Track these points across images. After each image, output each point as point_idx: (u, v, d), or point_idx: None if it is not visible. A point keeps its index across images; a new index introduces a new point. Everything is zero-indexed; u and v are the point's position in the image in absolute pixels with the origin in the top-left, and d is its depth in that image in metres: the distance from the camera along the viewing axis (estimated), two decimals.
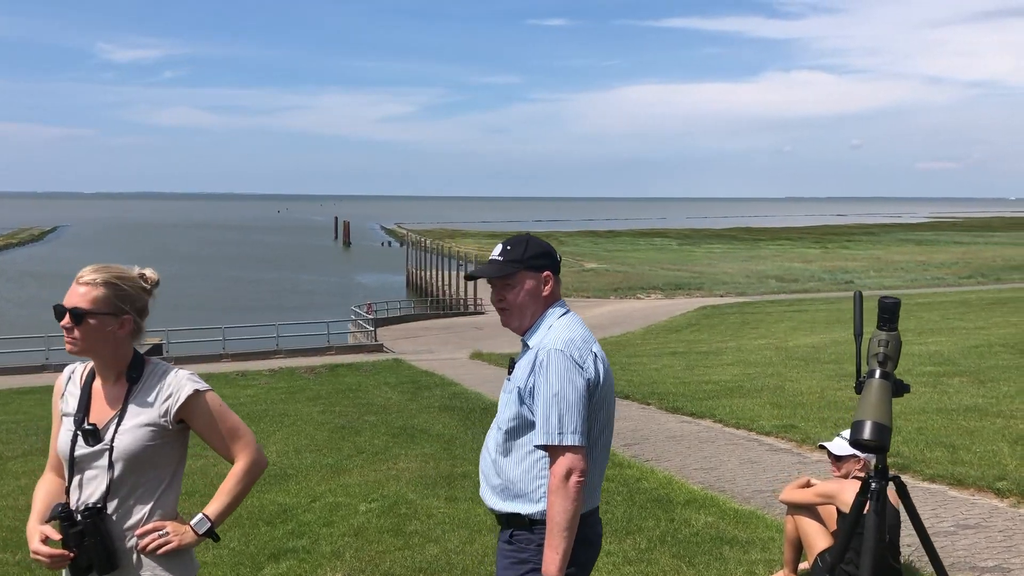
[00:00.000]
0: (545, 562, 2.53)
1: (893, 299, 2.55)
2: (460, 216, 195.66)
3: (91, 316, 2.52)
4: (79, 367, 2.67)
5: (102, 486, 2.51)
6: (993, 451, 7.68)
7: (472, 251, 61.27)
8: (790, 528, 4.74)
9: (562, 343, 2.62)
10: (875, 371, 2.52)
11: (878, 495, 2.49)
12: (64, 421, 2.59)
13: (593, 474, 2.70)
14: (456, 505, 6.84)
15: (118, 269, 2.62)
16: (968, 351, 16.59)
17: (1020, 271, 58.18)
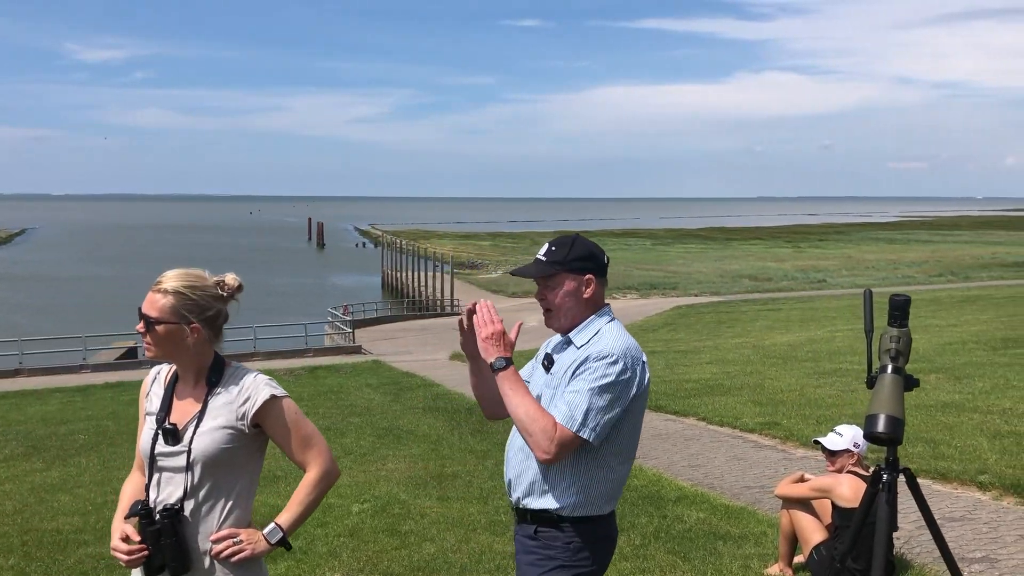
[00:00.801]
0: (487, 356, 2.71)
1: (904, 296, 2.63)
2: (434, 217, 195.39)
3: (159, 324, 2.56)
4: (165, 367, 2.70)
5: (180, 487, 2.54)
6: (973, 446, 7.84)
7: (448, 252, 61.26)
8: (785, 522, 4.83)
9: (619, 350, 2.65)
10: (887, 366, 2.60)
11: (889, 486, 2.57)
12: (147, 420, 2.63)
13: (622, 475, 2.75)
14: (449, 505, 6.89)
15: (192, 276, 2.65)
16: (943, 348, 16.86)
17: (988, 269, 59.10)
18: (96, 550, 6.06)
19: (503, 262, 70.05)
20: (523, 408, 2.64)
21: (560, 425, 2.59)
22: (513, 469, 2.80)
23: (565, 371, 2.71)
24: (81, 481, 8.65)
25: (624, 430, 2.70)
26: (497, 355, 2.71)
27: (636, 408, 2.71)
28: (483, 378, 2.94)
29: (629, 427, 2.71)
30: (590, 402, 2.59)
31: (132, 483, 2.70)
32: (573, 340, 2.77)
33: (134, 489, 2.66)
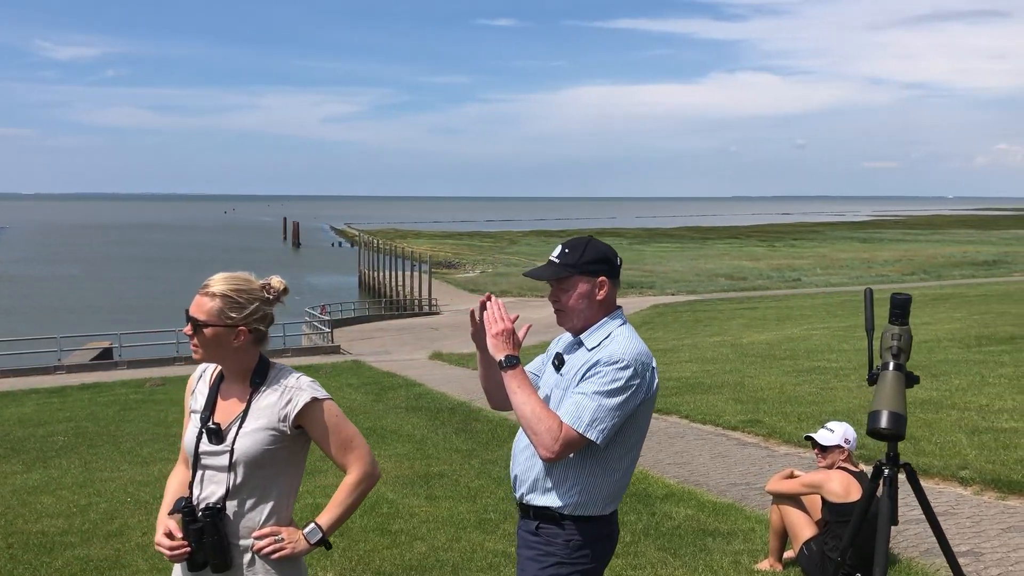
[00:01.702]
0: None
1: (905, 295, 2.69)
2: (410, 216, 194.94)
3: (206, 327, 2.59)
4: (211, 366, 2.73)
5: (222, 486, 2.58)
6: (952, 442, 7.96)
7: (425, 251, 61.18)
8: (775, 518, 4.90)
9: (630, 355, 2.68)
10: (889, 363, 2.66)
11: (891, 481, 2.63)
12: (192, 418, 2.69)
13: (625, 477, 2.79)
14: (437, 504, 6.91)
15: (239, 279, 2.66)
16: (918, 346, 17.03)
17: (960, 268, 59.86)
18: (84, 552, 6.03)
19: (480, 261, 70.10)
20: (528, 407, 2.67)
21: (566, 425, 2.63)
22: (519, 466, 2.83)
23: (575, 372, 2.74)
24: (63, 483, 8.57)
25: (629, 433, 2.73)
26: (505, 353, 2.75)
27: (643, 413, 2.74)
28: (492, 371, 2.97)
29: (635, 431, 2.75)
30: (598, 405, 2.62)
31: (177, 478, 2.75)
32: (584, 342, 2.80)
33: (179, 484, 2.71)
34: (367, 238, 70.24)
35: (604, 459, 2.72)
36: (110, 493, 7.93)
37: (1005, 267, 59.82)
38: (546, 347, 3.08)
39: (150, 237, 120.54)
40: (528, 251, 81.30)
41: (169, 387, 17.81)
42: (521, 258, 72.86)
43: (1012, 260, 64.87)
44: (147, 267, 72.62)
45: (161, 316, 40.51)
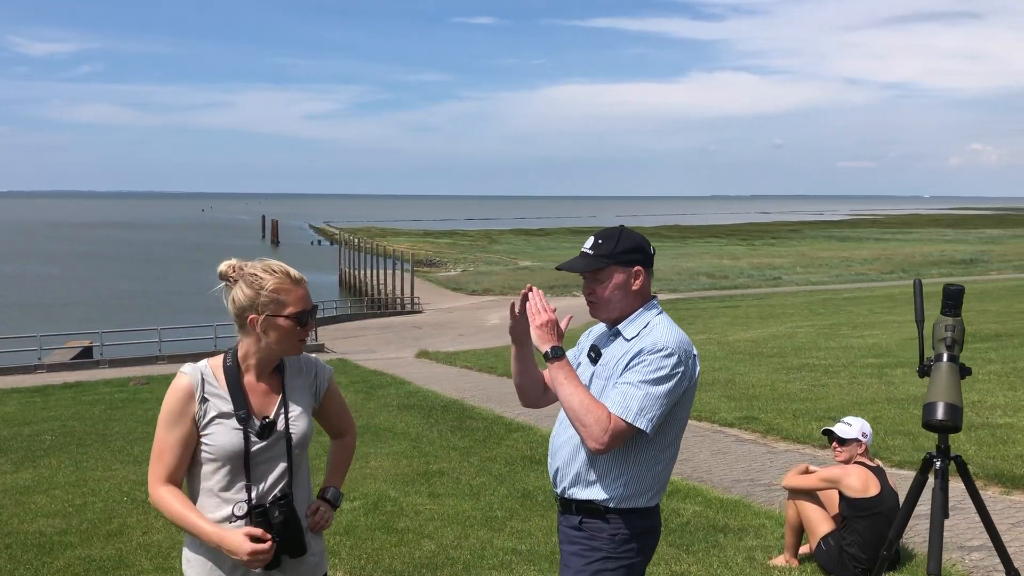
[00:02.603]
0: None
1: (958, 286, 2.67)
2: (390, 215, 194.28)
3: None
4: (205, 369, 2.60)
5: (285, 475, 2.58)
6: (950, 438, 7.99)
7: (406, 250, 60.97)
8: (791, 514, 4.89)
9: (674, 343, 2.65)
10: (943, 355, 2.64)
11: (942, 473, 2.61)
12: (218, 423, 2.55)
13: (668, 468, 2.76)
14: (441, 501, 6.85)
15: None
16: (904, 343, 17.19)
17: (939, 267, 60.41)
18: (85, 552, 5.93)
19: (462, 260, 69.96)
20: (577, 397, 2.63)
21: (614, 415, 2.59)
22: (560, 460, 2.80)
23: (616, 363, 2.71)
24: (55, 482, 8.44)
25: (672, 423, 2.71)
26: (551, 344, 2.71)
27: (685, 401, 2.72)
28: (526, 366, 2.93)
29: (677, 420, 2.72)
30: (645, 393, 2.59)
31: (177, 496, 2.54)
32: (622, 332, 2.76)
33: (186, 501, 2.55)
34: (347, 236, 69.93)
35: (648, 450, 2.69)
36: (105, 492, 7.81)
37: (982, 266, 60.46)
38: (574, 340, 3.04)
39: (126, 235, 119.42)
40: (508, 249, 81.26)
41: (153, 386, 17.62)
42: (502, 256, 72.82)
43: (988, 259, 65.58)
44: (123, 266, 71.87)
45: (139, 315, 40.17)
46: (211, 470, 2.54)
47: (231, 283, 2.60)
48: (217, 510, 2.52)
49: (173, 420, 2.52)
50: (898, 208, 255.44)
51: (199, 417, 2.54)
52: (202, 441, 2.54)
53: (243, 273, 2.58)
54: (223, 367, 2.59)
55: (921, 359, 2.71)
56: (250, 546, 2.46)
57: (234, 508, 2.51)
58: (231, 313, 2.60)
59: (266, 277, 2.56)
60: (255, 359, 2.60)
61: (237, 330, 2.61)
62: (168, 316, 37.68)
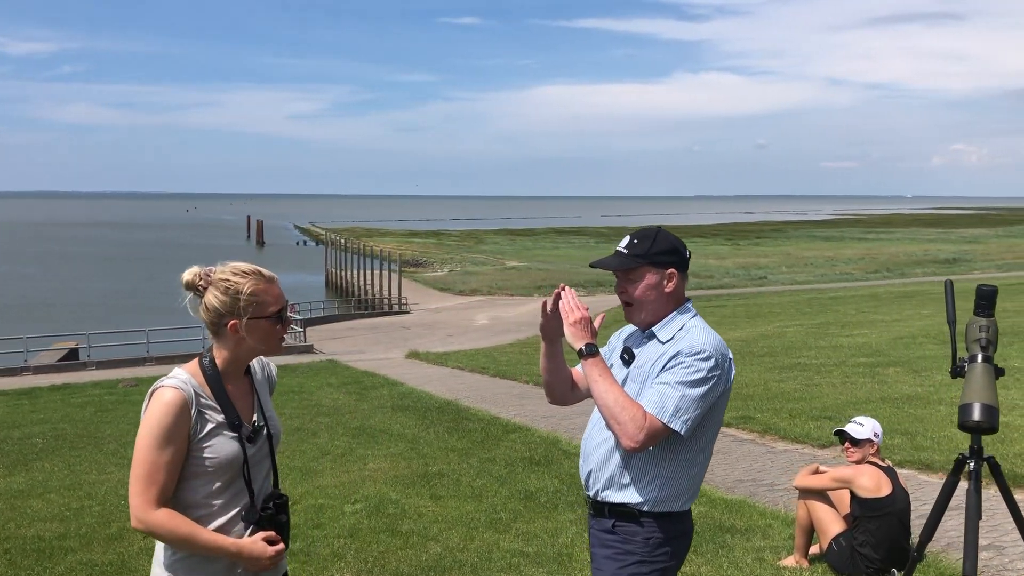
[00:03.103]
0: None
1: (992, 287, 2.67)
2: (376, 215, 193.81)
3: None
4: (191, 381, 2.50)
5: (269, 473, 2.61)
6: (947, 437, 8.03)
7: (393, 250, 60.85)
8: (802, 514, 4.89)
9: (711, 346, 2.64)
10: (977, 355, 2.64)
11: (976, 474, 2.61)
12: (216, 436, 2.48)
13: (701, 471, 2.75)
14: (443, 503, 6.82)
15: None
16: (894, 342, 17.28)
17: (922, 266, 60.84)
18: (86, 556, 5.87)
19: (448, 260, 69.87)
20: (612, 395, 2.62)
21: (650, 415, 2.58)
22: (593, 462, 2.77)
23: (652, 365, 2.69)
24: (50, 486, 8.35)
25: (707, 427, 2.69)
26: (585, 341, 2.70)
27: (720, 404, 2.70)
28: (556, 364, 2.92)
29: (712, 423, 2.71)
30: (682, 395, 2.58)
31: (178, 517, 2.43)
32: (657, 335, 2.75)
33: (186, 519, 2.44)
34: (333, 237, 69.69)
35: (683, 453, 2.67)
36: (102, 496, 7.74)
37: (965, 265, 60.91)
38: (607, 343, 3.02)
39: (110, 236, 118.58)
40: (494, 249, 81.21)
41: (143, 387, 17.49)
42: (489, 256, 72.79)
43: (971, 258, 66.08)
44: (107, 266, 71.36)
45: (125, 316, 39.87)
46: (206, 482, 2.46)
47: (200, 291, 2.54)
48: (213, 520, 2.46)
49: (167, 438, 2.40)
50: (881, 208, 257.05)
51: (194, 432, 2.44)
52: (199, 455, 2.45)
53: (212, 280, 2.53)
54: (204, 376, 2.51)
55: (954, 360, 2.70)
56: (272, 549, 2.48)
57: (242, 514, 2.48)
58: (205, 321, 2.53)
59: (241, 280, 2.51)
60: (235, 364, 2.55)
61: (211, 336, 2.55)
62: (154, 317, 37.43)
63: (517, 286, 51.15)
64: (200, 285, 2.54)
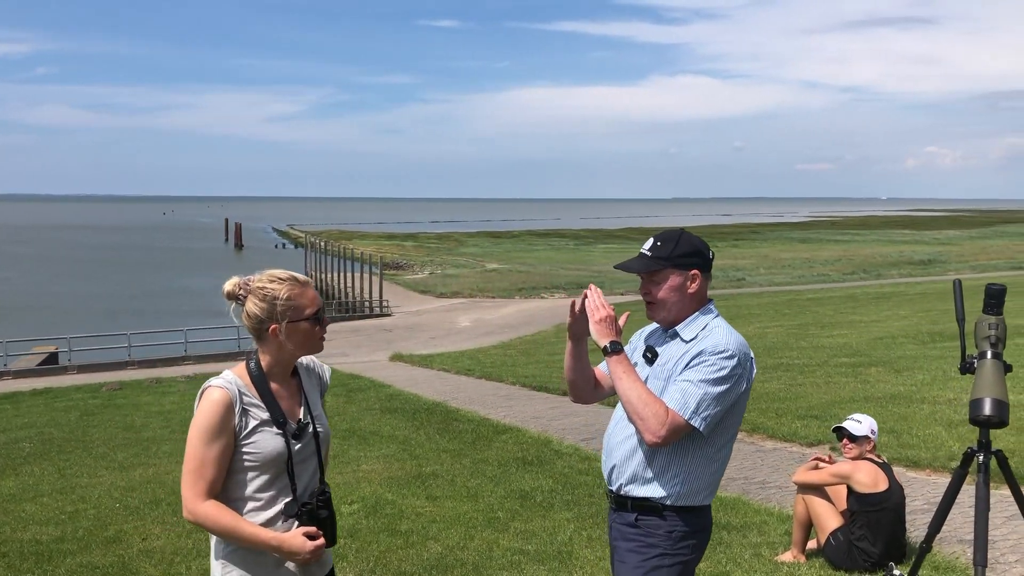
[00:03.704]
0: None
1: (1000, 285, 2.77)
2: (354, 217, 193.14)
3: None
4: (237, 381, 2.64)
5: (316, 471, 2.70)
6: (933, 435, 8.19)
7: (373, 252, 60.72)
8: (800, 509, 4.99)
9: (734, 346, 2.72)
10: (987, 352, 2.74)
11: (985, 467, 2.71)
12: (260, 432, 2.61)
13: (722, 467, 2.83)
14: (440, 504, 6.88)
15: None
16: (874, 343, 17.52)
17: (898, 267, 61.48)
18: (85, 559, 5.88)
19: (429, 262, 69.80)
20: (635, 391, 2.70)
21: (672, 411, 2.65)
22: (616, 458, 2.85)
23: (676, 363, 2.77)
24: (41, 490, 8.34)
25: (729, 424, 2.78)
26: (610, 339, 2.77)
27: (741, 402, 2.78)
28: (581, 364, 2.99)
29: (733, 420, 2.79)
30: (704, 392, 2.66)
31: (224, 509, 2.57)
32: (680, 334, 2.82)
33: (232, 512, 2.58)
34: (313, 239, 69.43)
35: (705, 449, 2.75)
36: (96, 499, 7.73)
37: (940, 266, 61.63)
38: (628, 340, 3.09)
39: (86, 239, 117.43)
40: (475, 252, 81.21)
41: (127, 391, 17.43)
42: (469, 258, 72.79)
43: (946, 259, 66.85)
44: (84, 269, 70.72)
45: (103, 319, 39.56)
46: (252, 477, 2.60)
47: (240, 300, 2.68)
48: (257, 515, 2.58)
49: (214, 434, 2.55)
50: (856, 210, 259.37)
51: (240, 428, 2.59)
52: (245, 450, 2.59)
53: (251, 288, 2.67)
54: (250, 377, 2.66)
55: (963, 356, 2.80)
56: (312, 544, 2.56)
57: (284, 508, 2.59)
58: (248, 327, 2.68)
59: (276, 287, 2.65)
60: (279, 366, 2.69)
61: (256, 342, 2.69)
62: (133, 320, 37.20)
63: (498, 288, 51.20)
64: (240, 294, 2.68)
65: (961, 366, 2.77)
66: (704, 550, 2.87)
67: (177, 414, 13.35)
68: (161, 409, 14.22)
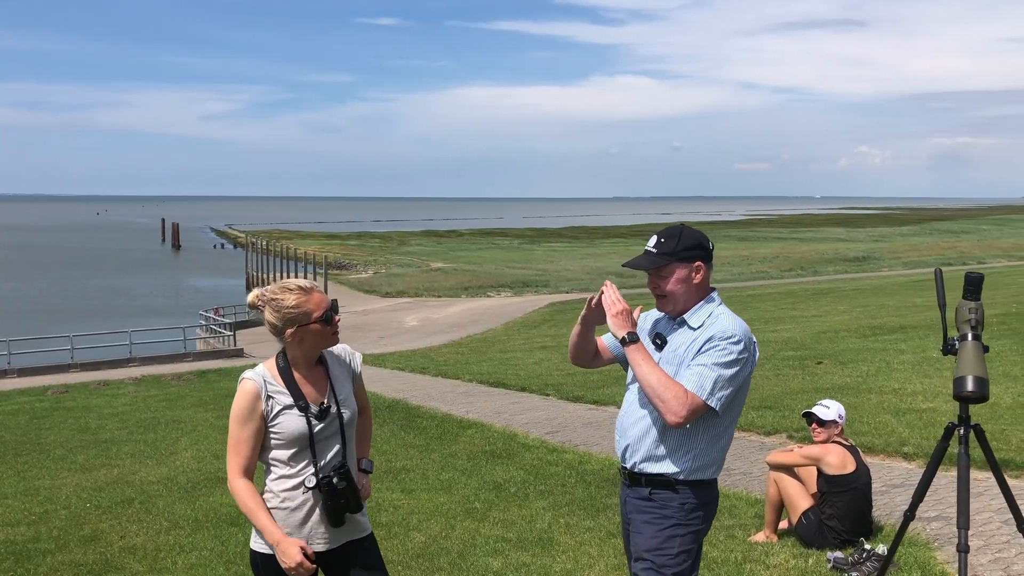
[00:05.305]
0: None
1: (979, 273, 3.02)
2: (294, 217, 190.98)
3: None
4: (264, 372, 3.05)
5: (341, 448, 3.06)
6: (883, 423, 8.56)
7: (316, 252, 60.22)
8: (772, 491, 5.25)
9: (741, 331, 2.95)
10: (967, 334, 2.99)
11: (965, 440, 2.96)
12: (284, 414, 3.01)
13: (728, 443, 3.05)
14: (416, 496, 7.01)
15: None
16: (818, 337, 18.06)
17: (833, 264, 63.09)
18: (66, 557, 5.89)
19: (372, 262, 69.47)
20: (655, 376, 2.90)
21: (691, 392, 2.86)
22: (630, 437, 3.05)
23: (687, 349, 2.98)
24: (4, 492, 8.23)
25: (735, 403, 3.00)
26: (627, 330, 2.99)
27: (746, 383, 3.02)
28: (586, 340, 3.25)
29: (739, 400, 3.01)
30: (718, 375, 2.87)
31: (252, 492, 2.99)
32: (688, 322, 3.04)
33: (260, 497, 3.01)
34: (254, 239, 68.59)
35: (715, 426, 2.97)
36: (64, 500, 7.68)
37: (873, 263, 63.44)
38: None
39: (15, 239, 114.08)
40: (419, 251, 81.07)
41: (75, 394, 17.12)
42: (414, 258, 72.65)
43: (879, 256, 68.80)
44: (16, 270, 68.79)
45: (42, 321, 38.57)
46: (281, 452, 3.02)
47: (260, 309, 3.06)
48: (287, 482, 3.02)
49: (245, 418, 2.99)
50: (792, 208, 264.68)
51: (267, 412, 3.00)
52: (272, 430, 3.01)
53: (266, 299, 3.03)
54: (277, 368, 3.07)
55: (945, 339, 3.05)
56: (300, 558, 2.91)
57: (305, 480, 3.00)
58: (270, 332, 3.07)
59: (285, 297, 3.01)
60: (302, 359, 3.08)
61: (278, 341, 3.09)
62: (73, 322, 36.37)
63: (444, 287, 51.27)
64: (259, 305, 3.07)
65: (943, 348, 3.02)
66: (712, 520, 3.08)
67: (132, 415, 13.21)
68: (114, 411, 14.03)
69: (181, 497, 7.52)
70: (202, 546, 5.93)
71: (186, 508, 7.08)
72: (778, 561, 4.98)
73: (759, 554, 5.11)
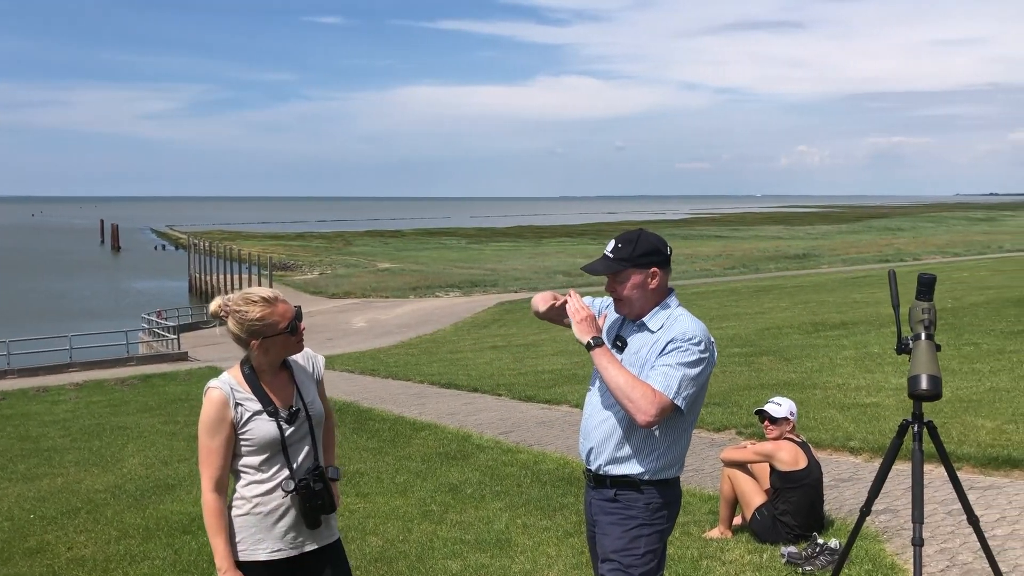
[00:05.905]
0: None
1: (931, 275, 3.11)
2: (236, 217, 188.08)
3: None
4: (230, 380, 3.05)
5: (312, 450, 3.08)
6: (828, 417, 8.75)
7: (261, 253, 59.42)
8: (727, 488, 5.34)
9: (700, 332, 3.00)
10: (920, 334, 3.07)
11: (919, 436, 3.04)
12: (255, 420, 3.01)
13: (688, 442, 3.10)
14: (371, 500, 6.97)
15: None
16: (762, 333, 18.37)
17: (775, 261, 64.19)
18: (11, 571, 5.76)
19: (318, 263, 68.77)
20: (623, 377, 2.94)
21: (659, 392, 2.91)
22: (594, 440, 3.09)
23: (649, 350, 3.02)
24: None
25: (696, 403, 3.05)
26: (591, 335, 3.02)
27: (707, 382, 3.06)
28: (561, 314, 3.25)
29: (699, 399, 3.07)
30: (683, 375, 2.92)
31: (218, 514, 2.98)
32: (647, 325, 3.08)
33: (222, 522, 2.99)
34: (196, 240, 67.41)
35: (677, 427, 3.02)
36: (6, 511, 7.49)
37: (814, 260, 64.69)
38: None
39: None
40: (365, 252, 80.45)
41: (12, 401, 16.66)
42: (360, 258, 72.08)
43: (819, 253, 70.18)
44: None
45: None
46: (252, 459, 3.02)
47: (223, 318, 3.04)
48: (259, 487, 3.02)
49: (215, 428, 2.99)
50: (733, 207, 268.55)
51: (237, 419, 3.00)
52: (243, 437, 3.00)
53: (229, 309, 3.01)
54: (243, 375, 3.07)
55: (899, 338, 3.13)
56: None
57: (281, 484, 3.01)
58: (234, 340, 3.07)
59: (249, 309, 2.99)
60: (266, 366, 3.09)
61: (243, 349, 3.08)
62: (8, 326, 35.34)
63: (391, 288, 50.96)
64: (222, 315, 3.04)
65: (897, 347, 3.10)
66: (676, 519, 3.13)
67: (75, 422, 12.91)
68: (55, 418, 13.70)
69: (130, 505, 7.37)
70: (154, 555, 5.83)
71: (136, 517, 6.95)
72: (733, 557, 5.06)
73: (714, 550, 5.19)
